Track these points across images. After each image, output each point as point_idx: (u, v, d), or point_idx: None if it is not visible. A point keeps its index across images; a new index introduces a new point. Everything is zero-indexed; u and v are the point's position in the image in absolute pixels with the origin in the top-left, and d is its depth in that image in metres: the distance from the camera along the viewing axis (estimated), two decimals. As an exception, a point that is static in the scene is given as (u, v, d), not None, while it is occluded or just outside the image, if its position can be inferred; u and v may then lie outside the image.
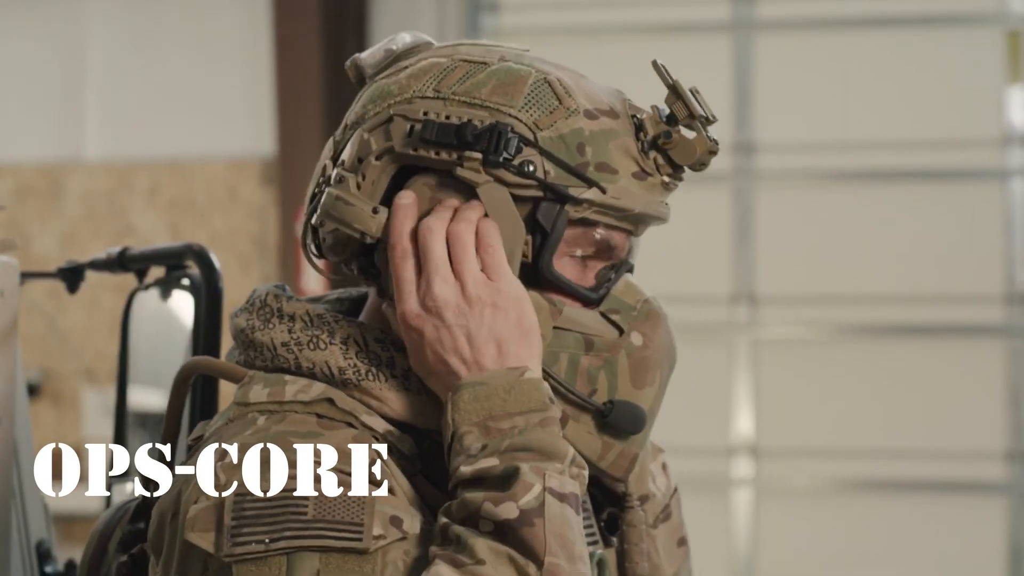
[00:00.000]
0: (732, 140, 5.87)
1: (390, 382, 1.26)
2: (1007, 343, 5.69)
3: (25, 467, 1.91)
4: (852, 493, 5.76)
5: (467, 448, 1.18)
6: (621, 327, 1.28)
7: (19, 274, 1.82)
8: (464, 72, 1.26)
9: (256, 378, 1.27)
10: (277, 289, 1.33)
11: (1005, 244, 5.70)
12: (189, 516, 1.18)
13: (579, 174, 1.23)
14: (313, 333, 1.28)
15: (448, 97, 1.25)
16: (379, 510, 1.16)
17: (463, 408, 1.20)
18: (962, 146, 5.72)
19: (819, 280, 5.80)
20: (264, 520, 1.15)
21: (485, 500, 1.15)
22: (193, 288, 1.97)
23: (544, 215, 1.24)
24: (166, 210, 6.29)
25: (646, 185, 1.27)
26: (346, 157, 1.28)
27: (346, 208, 1.26)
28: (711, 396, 5.82)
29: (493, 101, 1.24)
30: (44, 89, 6.43)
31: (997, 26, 5.76)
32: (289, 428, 1.22)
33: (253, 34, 6.20)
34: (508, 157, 1.22)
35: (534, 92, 1.25)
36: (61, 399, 6.27)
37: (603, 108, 1.26)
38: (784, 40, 5.90)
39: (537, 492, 1.16)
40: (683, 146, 1.27)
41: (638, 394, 1.28)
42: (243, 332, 1.31)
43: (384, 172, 1.26)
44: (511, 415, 1.19)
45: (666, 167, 1.28)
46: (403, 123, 1.25)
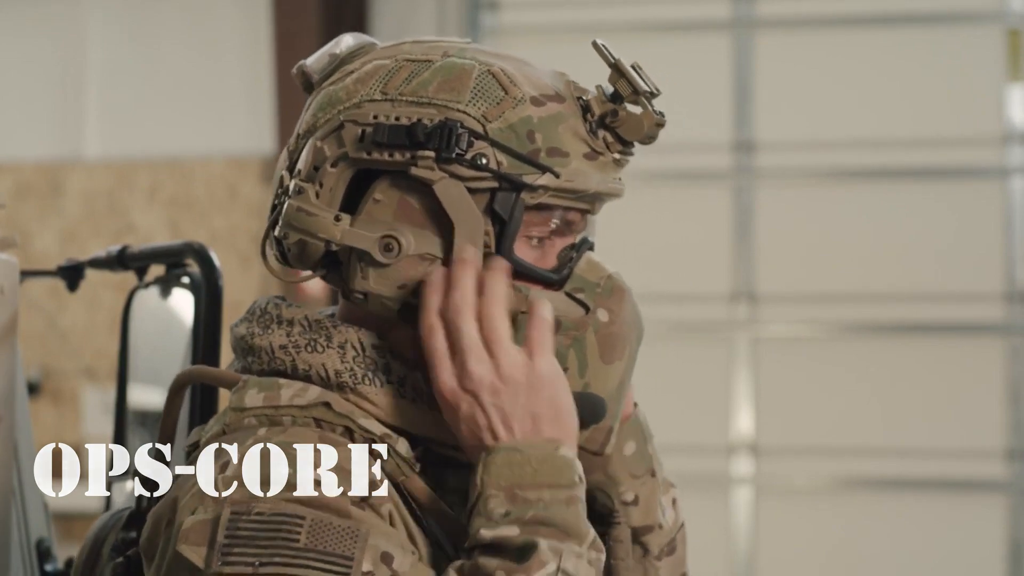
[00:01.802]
0: (732, 138, 5.87)
1: (386, 388, 1.27)
2: (1007, 341, 5.69)
3: (25, 465, 1.91)
4: (852, 491, 5.76)
5: (490, 512, 1.19)
6: (587, 305, 1.29)
7: (19, 272, 1.82)
8: (409, 72, 1.28)
9: (251, 383, 1.27)
10: (277, 299, 1.33)
11: (1005, 242, 5.70)
12: (184, 527, 1.18)
13: (531, 161, 1.25)
14: (311, 337, 1.28)
15: (396, 98, 1.26)
16: (372, 544, 1.16)
17: (494, 471, 1.20)
18: (962, 144, 5.72)
19: (819, 278, 5.80)
20: (257, 542, 1.15)
21: (498, 569, 1.16)
22: (193, 286, 1.97)
23: (501, 205, 1.25)
24: (166, 208, 6.29)
25: (598, 164, 1.28)
26: (302, 167, 1.29)
27: (308, 218, 1.26)
28: (711, 394, 5.81)
29: (440, 98, 1.25)
30: (44, 87, 6.43)
31: (997, 24, 5.76)
32: (290, 440, 1.22)
33: (253, 32, 6.20)
34: (460, 152, 1.23)
35: (479, 85, 1.26)
36: (61, 397, 6.27)
37: (549, 93, 1.28)
38: (784, 38, 5.90)
39: (551, 570, 1.17)
40: (630, 122, 1.29)
41: (608, 369, 1.28)
42: (243, 340, 1.32)
43: (340, 178, 1.27)
44: (539, 487, 1.20)
45: (616, 144, 1.29)
46: (354, 128, 1.26)
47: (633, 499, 1.39)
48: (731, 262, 5.87)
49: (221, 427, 1.27)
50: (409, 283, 1.26)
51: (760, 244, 5.85)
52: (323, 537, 1.15)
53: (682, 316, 5.87)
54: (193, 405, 1.83)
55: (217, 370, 1.34)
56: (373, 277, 1.26)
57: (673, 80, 6.77)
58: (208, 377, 1.35)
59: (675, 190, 5.90)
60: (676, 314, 5.86)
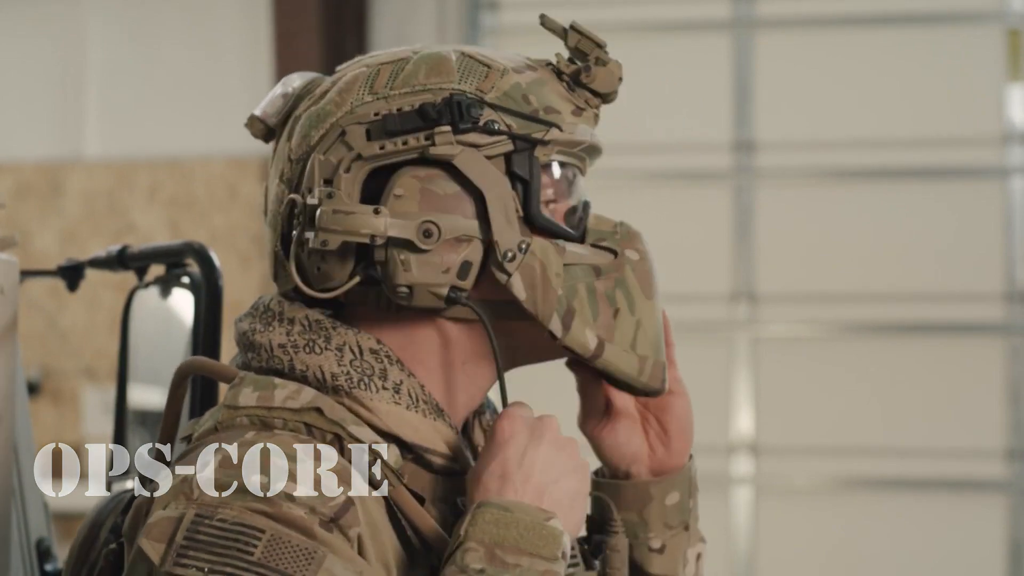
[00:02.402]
0: (732, 138, 5.87)
1: (381, 393, 1.26)
2: (1007, 341, 5.69)
3: (25, 465, 1.90)
4: (852, 491, 5.76)
5: (465, 565, 1.19)
6: (614, 249, 1.33)
7: (19, 272, 1.82)
8: (390, 71, 1.30)
9: (247, 380, 1.27)
10: (280, 295, 1.33)
11: (1005, 242, 5.70)
12: (150, 521, 1.18)
13: (536, 119, 1.29)
14: (310, 337, 1.28)
15: (388, 95, 1.28)
16: (326, 568, 1.15)
17: (480, 525, 1.20)
18: (962, 144, 5.72)
19: (819, 278, 5.80)
20: (212, 549, 1.15)
21: None
22: (193, 286, 1.97)
23: (519, 166, 1.28)
24: (166, 208, 6.29)
25: (584, 119, 1.33)
26: (310, 185, 1.28)
27: (348, 218, 1.26)
28: (711, 394, 5.81)
29: (432, 82, 1.28)
30: (44, 87, 6.43)
31: (997, 24, 5.76)
32: (273, 446, 1.21)
33: (253, 32, 6.20)
34: (475, 120, 1.26)
35: (463, 65, 1.30)
36: (61, 397, 6.27)
37: (521, 64, 1.33)
38: (784, 38, 5.90)
39: None
40: (602, 75, 1.33)
41: (651, 304, 1.34)
42: (245, 335, 1.32)
43: (355, 182, 1.27)
44: (520, 552, 1.19)
45: (593, 99, 1.33)
46: (358, 129, 1.27)
47: (660, 547, 1.42)
48: (731, 262, 5.87)
49: (214, 423, 1.26)
50: (453, 266, 1.27)
51: (760, 244, 5.84)
52: (278, 554, 1.15)
53: (682, 316, 5.87)
54: (193, 400, 1.83)
55: (217, 363, 1.34)
56: (416, 266, 1.26)
57: (673, 80, 6.81)
58: (207, 370, 1.34)
59: (675, 190, 5.90)
60: (676, 314, 5.81)
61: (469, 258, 1.27)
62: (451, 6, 6.06)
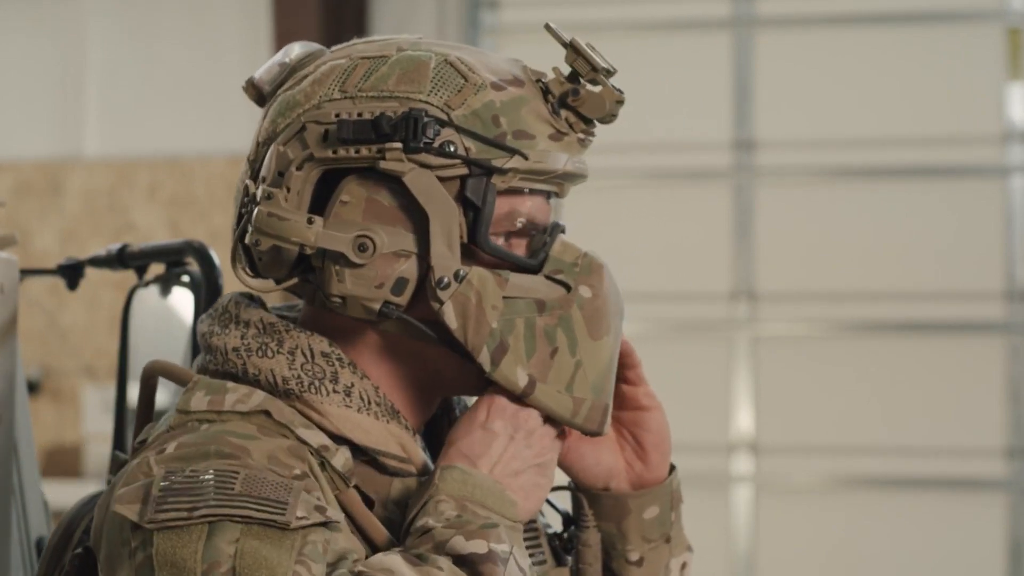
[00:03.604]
0: (732, 137, 5.87)
1: (331, 397, 1.26)
2: (1007, 340, 5.69)
3: (25, 464, 1.90)
4: (852, 489, 5.76)
5: (440, 512, 1.20)
6: (567, 284, 1.28)
7: (19, 271, 1.82)
8: (366, 69, 1.27)
9: (200, 384, 1.27)
10: (240, 296, 1.33)
11: (1005, 241, 5.70)
12: (118, 493, 1.18)
13: (499, 144, 1.24)
14: (263, 340, 1.28)
15: (355, 95, 1.26)
16: (304, 499, 1.16)
17: (449, 481, 1.22)
18: (962, 143, 5.71)
19: (819, 277, 5.80)
20: (191, 492, 1.15)
21: (456, 535, 1.17)
22: (193, 285, 1.97)
23: (473, 191, 1.24)
24: (166, 207, 6.28)
25: (563, 145, 1.28)
26: (266, 174, 1.28)
27: (280, 223, 1.25)
28: (711, 393, 5.81)
29: (401, 90, 1.25)
30: (44, 86, 6.43)
31: (997, 23, 5.76)
32: (227, 429, 1.22)
33: (253, 30, 6.20)
34: (428, 141, 1.23)
35: (439, 75, 1.26)
36: (61, 396, 6.27)
37: (507, 78, 1.28)
38: (784, 37, 5.90)
39: (506, 548, 1.18)
40: (592, 100, 1.28)
41: (597, 345, 1.28)
42: (203, 337, 1.32)
43: (307, 180, 1.26)
44: (487, 508, 1.21)
45: (579, 123, 1.29)
46: (317, 128, 1.25)
47: (638, 560, 1.38)
48: (731, 261, 5.87)
49: (167, 428, 1.26)
50: (387, 281, 1.25)
51: (760, 243, 5.84)
52: (257, 486, 1.16)
53: (682, 315, 5.87)
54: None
55: (175, 366, 1.33)
56: (350, 279, 1.25)
57: (673, 79, 6.80)
58: (166, 372, 1.33)
59: (675, 189, 5.90)
60: (676, 313, 5.86)
61: (406, 275, 1.25)
62: (451, 5, 6.06)
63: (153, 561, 1.14)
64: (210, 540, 1.13)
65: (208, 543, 1.13)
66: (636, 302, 5.93)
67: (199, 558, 1.13)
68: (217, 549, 1.13)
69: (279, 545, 1.13)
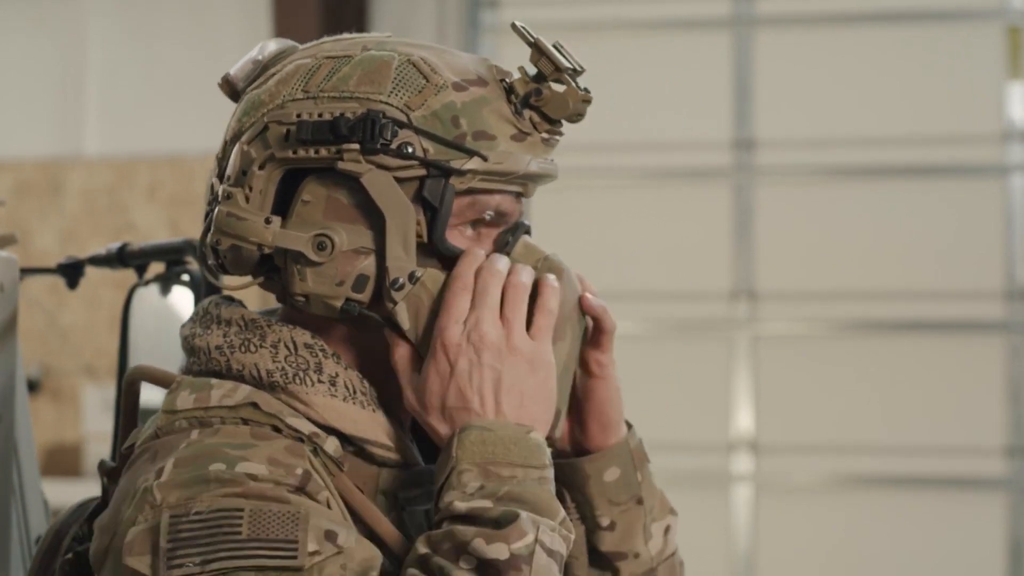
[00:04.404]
0: (732, 136, 5.87)
1: (316, 387, 1.26)
2: (1007, 339, 5.69)
3: (25, 463, 1.90)
4: (852, 489, 5.76)
5: (464, 484, 1.19)
6: None
7: (19, 270, 1.82)
8: (329, 68, 1.27)
9: (184, 384, 1.28)
10: (219, 298, 1.34)
11: (1005, 240, 5.70)
12: (127, 540, 1.17)
13: (457, 146, 1.24)
14: (246, 336, 1.28)
15: (317, 95, 1.26)
16: (314, 524, 1.15)
17: (467, 446, 1.21)
18: (962, 142, 5.72)
19: (819, 276, 5.80)
20: (199, 541, 1.15)
21: (477, 536, 1.15)
22: (193, 284, 1.97)
23: (430, 192, 1.25)
24: (166, 206, 6.29)
25: (526, 145, 1.28)
26: (230, 172, 1.29)
27: (239, 223, 1.26)
28: (711, 392, 5.81)
29: (361, 91, 1.25)
30: (44, 85, 6.43)
31: (997, 22, 5.76)
32: (223, 440, 1.21)
33: (252, 29, 6.20)
34: (385, 142, 1.23)
35: (400, 75, 1.26)
36: (61, 395, 6.27)
37: (471, 78, 1.28)
38: (784, 36, 5.90)
39: (530, 541, 1.16)
40: (555, 100, 1.28)
41: (553, 350, 1.28)
42: (186, 340, 1.32)
43: (270, 180, 1.26)
44: (512, 465, 1.20)
45: (543, 123, 1.28)
46: (278, 128, 1.26)
47: (609, 524, 1.37)
48: (731, 260, 5.87)
49: (154, 430, 1.26)
50: (347, 279, 1.26)
51: (760, 242, 5.84)
52: (264, 525, 1.15)
53: (682, 314, 5.87)
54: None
55: (158, 369, 1.34)
56: (311, 277, 1.26)
57: (673, 78, 6.80)
58: (150, 377, 1.34)
59: (675, 188, 5.90)
60: (676, 312, 5.86)
61: (366, 271, 1.26)
62: (451, 5, 6.06)
63: None
64: None
65: None
66: (636, 301, 5.93)
67: None
68: None
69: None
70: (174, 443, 1.23)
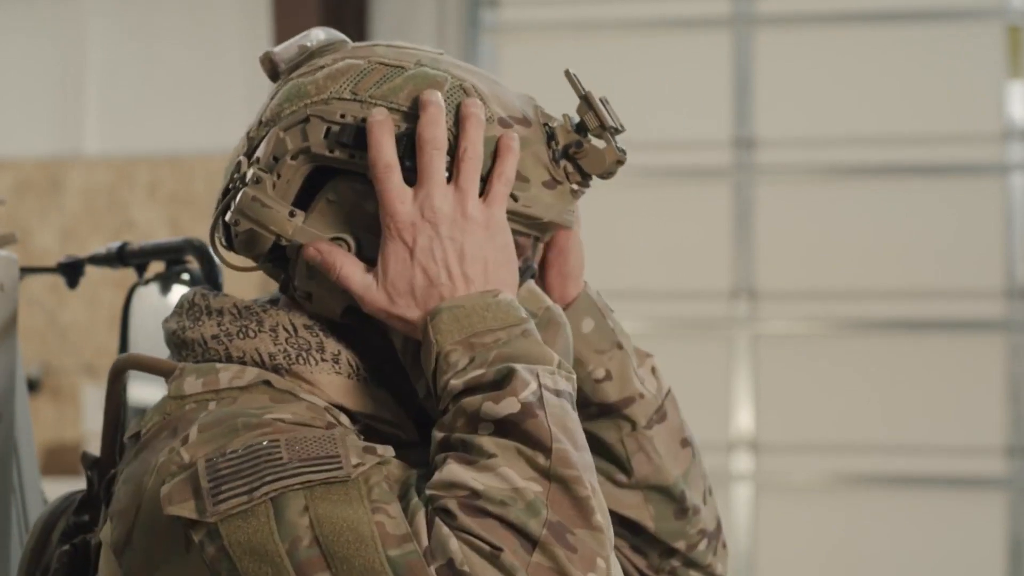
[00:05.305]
0: (732, 135, 5.87)
1: (320, 365, 1.26)
2: (1007, 338, 5.70)
3: (25, 462, 1.91)
4: (852, 488, 5.77)
5: (454, 364, 1.18)
6: None
7: (19, 269, 1.82)
8: (381, 75, 1.26)
9: (187, 370, 1.26)
10: (203, 290, 1.33)
11: (1005, 239, 5.70)
12: (163, 494, 1.15)
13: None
14: (242, 324, 1.27)
15: (365, 100, 1.25)
16: (352, 442, 1.15)
17: (444, 329, 1.19)
18: (962, 141, 5.72)
19: (819, 275, 5.80)
20: (242, 473, 1.13)
21: (485, 401, 1.14)
22: (193, 283, 1.97)
23: None
24: (166, 205, 6.29)
25: (555, 193, 1.27)
26: (261, 155, 1.28)
27: (263, 210, 1.26)
28: (711, 391, 5.82)
29: (410, 107, 1.24)
30: (44, 84, 6.43)
31: (997, 21, 5.76)
32: (244, 406, 1.21)
33: (253, 30, 6.20)
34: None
35: (449, 99, 1.25)
36: (61, 394, 6.28)
37: (517, 116, 1.27)
38: (784, 35, 5.90)
39: (534, 388, 1.15)
40: (593, 156, 1.27)
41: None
42: (174, 335, 1.31)
43: (298, 172, 1.26)
44: (493, 331, 1.19)
45: (575, 175, 1.28)
46: (320, 124, 1.25)
47: (605, 375, 1.37)
48: (731, 259, 5.87)
49: (162, 416, 1.25)
50: None
51: (760, 241, 5.85)
52: (303, 448, 1.14)
53: (682, 313, 5.87)
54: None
55: (154, 358, 1.32)
56: (319, 277, 1.25)
57: (673, 77, 6.80)
58: (142, 364, 1.32)
59: (675, 187, 5.90)
60: (676, 311, 5.86)
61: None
62: (451, 4, 6.06)
63: (229, 552, 1.12)
64: (280, 516, 1.11)
65: (280, 520, 1.11)
66: (636, 300, 5.93)
67: (277, 539, 1.11)
68: (291, 524, 1.11)
69: (348, 501, 1.12)
70: (192, 416, 1.22)
